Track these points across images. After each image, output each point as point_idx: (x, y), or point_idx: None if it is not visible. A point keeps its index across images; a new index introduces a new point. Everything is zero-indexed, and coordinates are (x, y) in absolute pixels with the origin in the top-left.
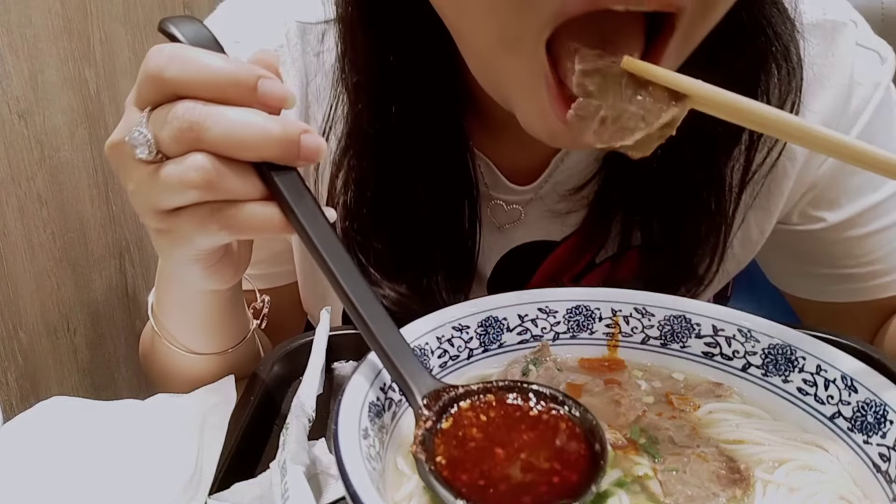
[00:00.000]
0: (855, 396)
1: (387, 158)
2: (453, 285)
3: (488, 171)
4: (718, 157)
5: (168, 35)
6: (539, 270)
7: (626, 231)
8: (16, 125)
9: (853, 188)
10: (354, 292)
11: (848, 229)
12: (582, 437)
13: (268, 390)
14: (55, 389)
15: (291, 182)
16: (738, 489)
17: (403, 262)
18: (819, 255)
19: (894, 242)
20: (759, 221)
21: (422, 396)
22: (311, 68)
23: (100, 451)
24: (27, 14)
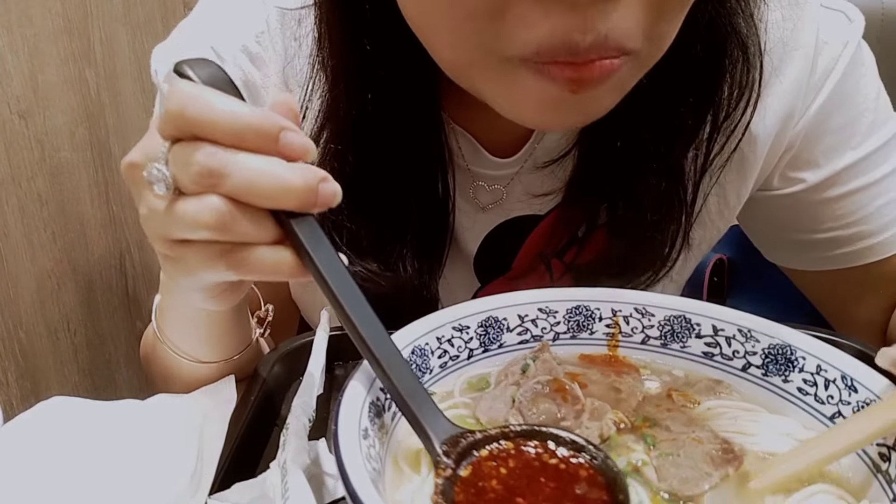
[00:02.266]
0: (855, 396)
1: (362, 140)
2: (423, 266)
3: (468, 145)
4: (680, 145)
5: (184, 77)
6: (524, 247)
7: (596, 210)
8: (16, 125)
9: (830, 147)
10: (372, 338)
11: (828, 189)
12: (604, 486)
13: (268, 390)
14: (55, 389)
15: (309, 227)
16: (731, 467)
17: (375, 241)
18: (804, 220)
19: (877, 201)
20: (735, 187)
21: (440, 443)
22: (290, 52)
23: (100, 452)
24: (28, 14)
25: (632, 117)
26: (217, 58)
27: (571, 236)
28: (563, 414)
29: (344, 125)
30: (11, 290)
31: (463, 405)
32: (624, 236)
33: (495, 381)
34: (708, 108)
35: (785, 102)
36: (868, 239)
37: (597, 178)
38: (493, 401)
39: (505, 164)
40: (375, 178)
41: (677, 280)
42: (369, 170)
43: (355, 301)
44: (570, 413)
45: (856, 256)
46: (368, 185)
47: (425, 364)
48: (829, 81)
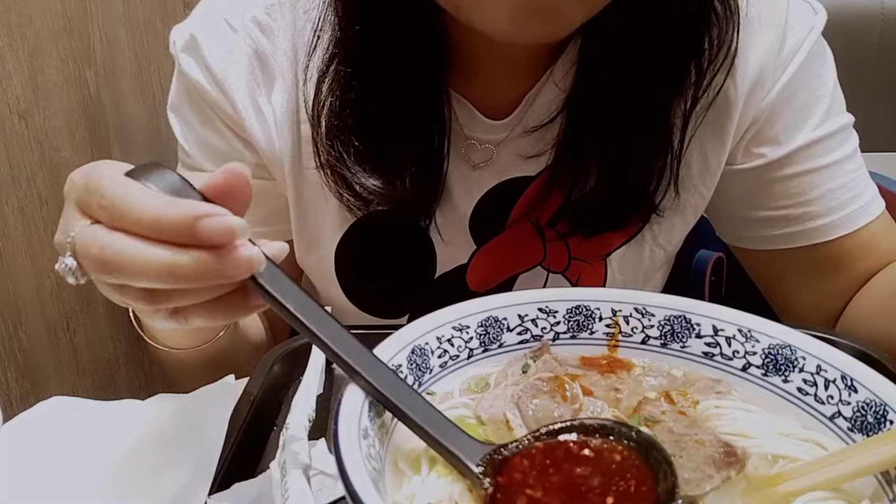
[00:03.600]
0: (855, 396)
1: (368, 70)
2: (423, 185)
3: (463, 109)
4: (668, 92)
5: None
6: (516, 207)
7: (586, 168)
8: (16, 125)
9: (791, 125)
10: (378, 379)
11: (784, 167)
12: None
13: (268, 390)
14: (55, 389)
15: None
16: (733, 470)
17: (378, 160)
18: (759, 196)
19: (827, 184)
20: (715, 152)
21: (475, 464)
22: (299, 24)
23: (99, 451)
24: (27, 14)
25: (617, 75)
26: (230, 29)
27: (563, 199)
28: (560, 413)
29: (352, 54)
30: (11, 290)
31: (463, 405)
32: (612, 181)
33: (495, 382)
34: (691, 58)
35: (756, 72)
36: (816, 220)
37: (585, 138)
38: (493, 400)
39: (497, 126)
40: (378, 103)
41: (664, 246)
42: (373, 96)
43: (352, 347)
44: (568, 412)
45: (803, 236)
46: (372, 110)
47: (425, 364)
48: (794, 62)
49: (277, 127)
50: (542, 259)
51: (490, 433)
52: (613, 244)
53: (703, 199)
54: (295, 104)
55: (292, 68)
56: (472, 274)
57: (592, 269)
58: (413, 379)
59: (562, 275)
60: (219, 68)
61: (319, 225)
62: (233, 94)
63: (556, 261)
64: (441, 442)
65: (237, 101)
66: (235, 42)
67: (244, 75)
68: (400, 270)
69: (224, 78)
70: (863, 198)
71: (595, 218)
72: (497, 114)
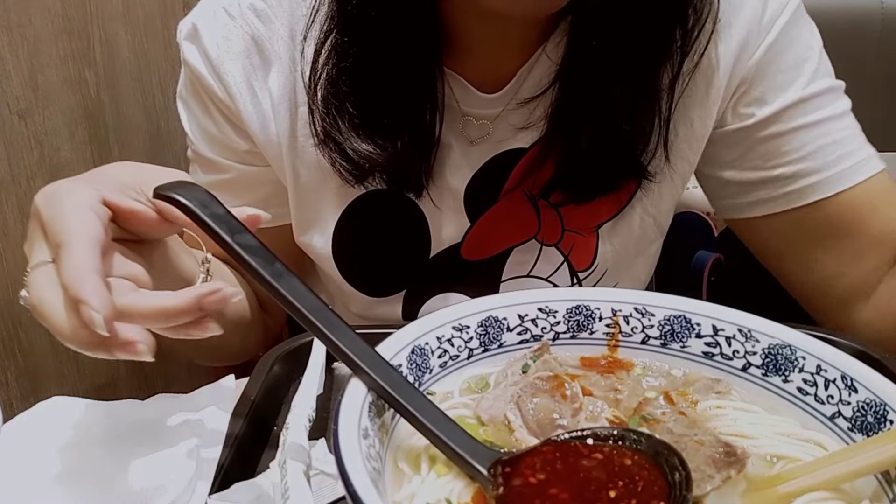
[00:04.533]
0: (855, 396)
1: (363, 43)
2: (415, 150)
3: (458, 84)
4: (654, 59)
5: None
6: (509, 179)
7: (578, 137)
8: (16, 125)
9: (778, 85)
10: (387, 380)
11: (773, 124)
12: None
13: (268, 390)
14: (55, 389)
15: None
16: (734, 470)
17: (372, 126)
18: (752, 157)
19: (819, 141)
20: (700, 116)
21: (486, 469)
22: (296, 12)
23: (99, 451)
24: (27, 14)
25: (606, 45)
26: (228, 16)
27: (556, 168)
28: (560, 412)
29: (349, 24)
30: (11, 290)
31: (463, 405)
32: (603, 147)
33: (495, 382)
34: (675, 25)
35: (740, 37)
36: (809, 177)
37: (577, 107)
38: (494, 400)
39: (492, 100)
40: (373, 72)
41: (654, 215)
42: (368, 65)
43: (363, 351)
44: (568, 411)
45: (798, 195)
46: (367, 78)
47: (425, 364)
48: (777, 24)
49: (274, 109)
50: (537, 232)
51: (490, 433)
52: (605, 215)
53: (689, 166)
54: (292, 87)
55: (289, 52)
56: (467, 245)
57: (584, 241)
58: (413, 379)
59: (555, 247)
60: (215, 54)
61: (317, 206)
62: (227, 79)
63: (549, 233)
64: (450, 445)
65: (231, 86)
66: (233, 29)
67: (240, 60)
68: (396, 248)
69: (220, 63)
70: (857, 155)
71: (587, 184)
72: (491, 89)
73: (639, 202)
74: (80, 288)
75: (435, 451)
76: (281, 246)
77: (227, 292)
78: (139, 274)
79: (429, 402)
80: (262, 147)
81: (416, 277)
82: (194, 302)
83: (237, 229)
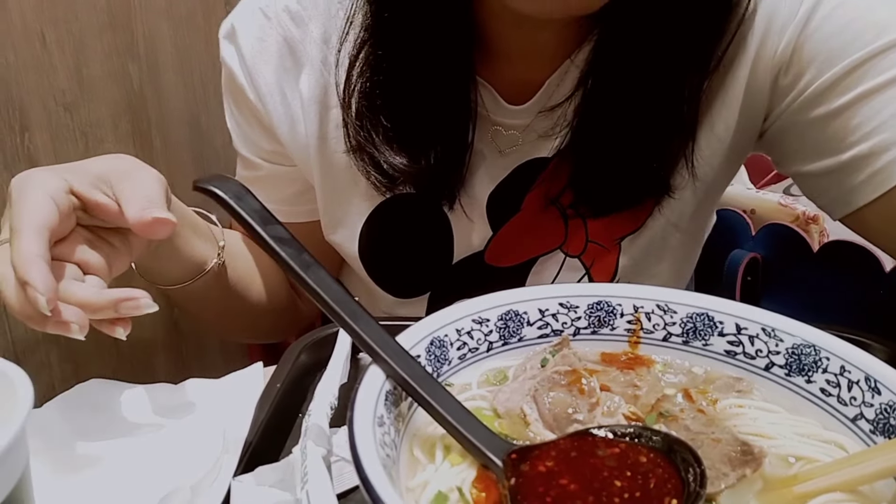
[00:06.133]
0: (878, 398)
1: (398, 54)
2: (447, 163)
3: (488, 94)
4: (682, 74)
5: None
6: (534, 186)
7: (602, 148)
8: (62, 117)
9: (832, 53)
10: (406, 370)
11: (834, 98)
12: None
13: (294, 378)
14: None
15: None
16: (749, 468)
17: (405, 139)
18: (826, 141)
19: (889, 108)
20: (722, 117)
21: (500, 459)
22: (332, 11)
23: (132, 431)
24: (73, 9)
25: (634, 57)
26: (264, 17)
27: (577, 179)
28: (577, 406)
29: (383, 38)
30: None
31: (480, 397)
32: (626, 161)
33: (514, 376)
34: (714, 43)
35: (762, 27)
36: (891, 150)
37: (601, 118)
38: (511, 393)
39: (519, 111)
40: (407, 86)
41: (678, 223)
42: (402, 80)
43: (387, 343)
44: (585, 406)
45: (885, 177)
46: (400, 92)
47: (444, 355)
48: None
49: (304, 111)
50: (563, 242)
51: (505, 426)
52: (628, 227)
53: (712, 170)
54: (323, 89)
55: (321, 54)
56: (491, 252)
57: (606, 254)
58: (431, 370)
59: (578, 259)
60: (249, 56)
61: (346, 207)
62: (259, 79)
63: (574, 244)
64: (466, 435)
65: (262, 87)
66: (268, 30)
67: (273, 62)
68: (420, 252)
69: (253, 64)
70: None
71: (608, 196)
72: (519, 99)
73: (661, 214)
74: (26, 272)
75: (450, 441)
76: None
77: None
78: (92, 260)
79: (446, 393)
80: (289, 148)
81: (440, 281)
82: (112, 303)
83: (269, 221)
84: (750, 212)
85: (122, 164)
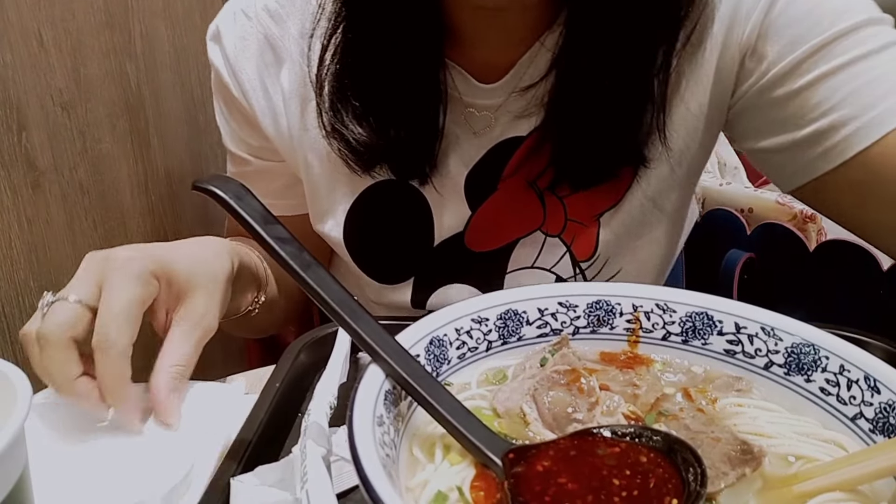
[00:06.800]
0: (878, 398)
1: (367, 38)
2: (417, 142)
3: (459, 76)
4: (650, 47)
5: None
6: (507, 166)
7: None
8: (59, 117)
9: (794, 37)
10: (406, 369)
11: (795, 78)
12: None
13: (293, 378)
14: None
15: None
16: (749, 467)
17: (376, 117)
18: (782, 121)
19: (851, 84)
20: (694, 94)
21: (499, 458)
22: (307, 8)
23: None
24: (71, 9)
25: (602, 34)
26: (245, 17)
27: (554, 155)
28: (576, 405)
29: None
30: (53, 276)
31: (480, 396)
32: (600, 133)
33: (513, 375)
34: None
35: (730, 7)
36: (849, 124)
37: (574, 94)
38: (510, 392)
39: (493, 90)
40: (376, 68)
41: (654, 198)
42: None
43: (386, 342)
44: (584, 405)
45: (841, 150)
46: (370, 73)
47: (443, 355)
48: None
49: (286, 105)
50: (542, 223)
51: (505, 426)
52: (606, 203)
53: (687, 148)
54: (303, 82)
55: (299, 49)
56: (471, 235)
57: (586, 230)
58: (431, 369)
59: (558, 238)
60: (233, 54)
61: (330, 196)
62: (242, 75)
63: (553, 223)
64: (465, 434)
65: (245, 82)
66: (249, 29)
67: (254, 59)
68: (402, 236)
69: (236, 61)
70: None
71: (584, 170)
72: (490, 80)
73: (638, 188)
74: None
75: (449, 440)
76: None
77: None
78: None
79: (446, 392)
80: (275, 142)
81: (423, 266)
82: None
83: (269, 221)
84: (747, 210)
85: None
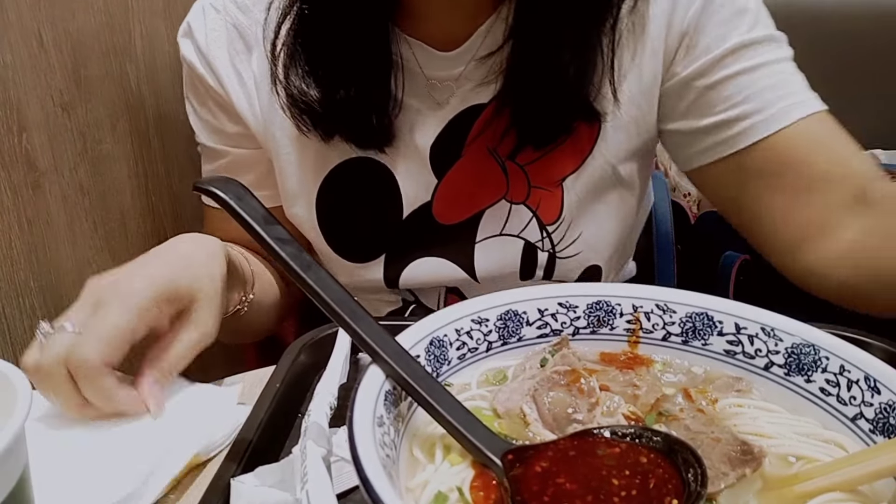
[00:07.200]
0: (878, 398)
1: (320, 11)
2: (371, 105)
3: (418, 49)
4: (596, 11)
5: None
6: (471, 132)
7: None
8: (59, 117)
9: (720, 35)
10: (406, 369)
11: (716, 71)
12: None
13: (293, 378)
14: None
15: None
16: (749, 468)
17: (323, 75)
18: (699, 107)
19: (760, 83)
20: (648, 66)
21: (499, 459)
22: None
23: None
24: (71, 9)
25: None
26: (214, 10)
27: (511, 119)
28: (576, 406)
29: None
30: (53, 276)
31: (480, 397)
32: (555, 94)
33: (513, 375)
34: None
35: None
36: (751, 117)
37: (530, 60)
38: (510, 393)
39: (451, 58)
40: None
41: (612, 160)
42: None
43: (387, 343)
44: (584, 406)
45: (740, 137)
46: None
47: (443, 355)
48: None
49: (257, 88)
50: (506, 192)
51: (505, 426)
52: (568, 168)
53: (642, 114)
54: (271, 67)
55: (265, 34)
56: (438, 207)
57: (550, 195)
58: (431, 370)
59: (523, 204)
60: (205, 45)
61: (300, 178)
62: (216, 64)
63: (517, 192)
64: (466, 435)
65: (220, 70)
66: (218, 21)
67: (225, 47)
68: (371, 212)
69: (208, 51)
70: (796, 96)
71: (542, 128)
72: (449, 49)
73: (599, 152)
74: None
75: (449, 441)
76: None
77: None
78: None
79: (446, 393)
80: (250, 125)
81: (394, 241)
82: None
83: (270, 221)
84: None
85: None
